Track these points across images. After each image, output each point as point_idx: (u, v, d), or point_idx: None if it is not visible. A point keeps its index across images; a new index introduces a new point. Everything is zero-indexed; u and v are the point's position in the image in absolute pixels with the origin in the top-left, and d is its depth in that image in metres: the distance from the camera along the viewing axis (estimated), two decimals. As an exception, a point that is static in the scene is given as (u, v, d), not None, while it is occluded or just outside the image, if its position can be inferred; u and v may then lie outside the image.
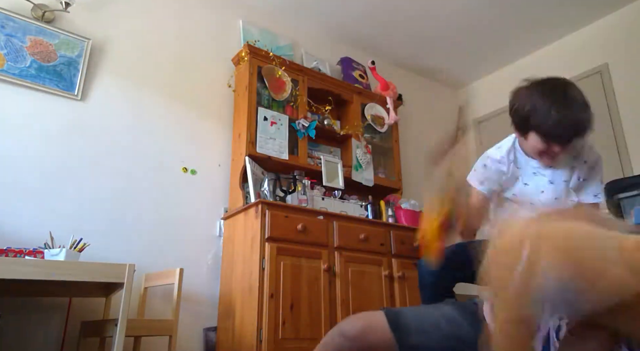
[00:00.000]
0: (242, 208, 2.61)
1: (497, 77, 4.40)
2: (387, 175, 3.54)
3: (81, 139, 2.51)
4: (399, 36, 3.88)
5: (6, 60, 2.36)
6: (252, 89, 2.93)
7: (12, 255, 1.87)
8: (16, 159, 2.30)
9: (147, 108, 2.80)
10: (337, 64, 3.78)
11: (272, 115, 2.95)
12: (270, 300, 2.27)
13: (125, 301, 1.67)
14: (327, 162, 3.13)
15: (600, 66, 3.55)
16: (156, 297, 2.50)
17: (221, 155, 3.00)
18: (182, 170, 2.82)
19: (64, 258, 1.76)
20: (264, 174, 2.84)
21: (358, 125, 3.42)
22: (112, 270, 1.70)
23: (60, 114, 2.48)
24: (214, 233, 2.83)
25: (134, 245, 2.50)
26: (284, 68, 3.10)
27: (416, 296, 2.87)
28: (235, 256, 2.60)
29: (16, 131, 2.33)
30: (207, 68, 3.13)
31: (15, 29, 2.43)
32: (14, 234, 2.16)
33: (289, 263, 2.41)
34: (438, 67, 4.36)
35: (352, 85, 3.52)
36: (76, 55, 2.58)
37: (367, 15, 3.61)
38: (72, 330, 2.19)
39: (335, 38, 3.91)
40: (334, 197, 3.08)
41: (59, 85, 2.49)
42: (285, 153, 2.92)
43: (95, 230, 2.38)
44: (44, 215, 2.28)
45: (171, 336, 2.01)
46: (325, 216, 2.66)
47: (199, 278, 2.66)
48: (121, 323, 1.64)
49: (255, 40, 3.14)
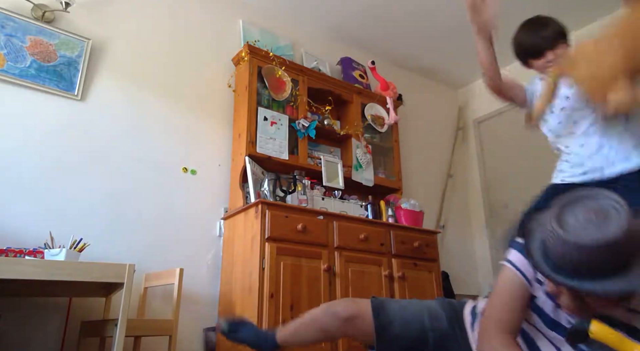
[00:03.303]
0: (242, 208, 2.61)
1: (497, 77, 4.40)
2: (387, 175, 3.54)
3: (81, 139, 2.51)
4: (399, 36, 3.88)
5: (6, 60, 2.36)
6: (252, 89, 2.93)
7: (12, 255, 1.87)
8: (16, 159, 2.30)
9: (147, 108, 2.80)
10: (337, 64, 3.78)
11: (272, 115, 2.95)
12: (270, 300, 2.27)
13: (125, 301, 1.67)
14: (327, 162, 3.13)
15: (600, 66, 3.54)
16: (156, 297, 2.50)
17: (221, 155, 3.00)
18: (182, 170, 2.82)
19: (64, 258, 1.76)
20: (264, 174, 2.84)
21: (358, 125, 3.42)
22: (112, 270, 1.70)
23: (60, 114, 2.48)
24: (214, 233, 2.83)
25: (134, 245, 2.50)
26: (284, 68, 3.10)
27: (416, 296, 2.87)
28: (235, 256, 2.60)
29: (16, 131, 2.33)
30: (207, 68, 3.13)
31: (15, 29, 2.43)
32: (14, 234, 2.16)
33: (289, 263, 2.41)
34: (438, 67, 4.36)
35: (352, 85, 3.52)
36: (76, 55, 2.58)
37: (367, 15, 3.61)
38: (72, 330, 2.19)
39: (335, 38, 3.91)
40: (334, 197, 3.08)
41: (59, 85, 2.49)
42: (285, 153, 2.92)
43: (95, 230, 2.38)
44: (44, 215, 2.28)
45: (171, 336, 2.01)
46: (325, 216, 2.66)
47: (199, 278, 2.66)
48: (121, 323, 1.64)
49: (255, 40, 3.14)
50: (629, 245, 0.88)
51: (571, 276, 0.91)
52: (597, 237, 0.87)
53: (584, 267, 0.89)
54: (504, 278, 1.13)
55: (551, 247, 0.95)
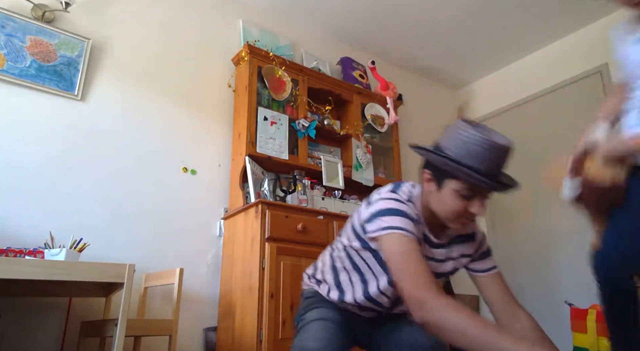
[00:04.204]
0: (242, 208, 2.61)
1: (497, 77, 4.40)
2: (387, 175, 3.54)
3: (81, 139, 2.51)
4: (399, 36, 3.88)
5: (6, 60, 2.36)
6: (252, 89, 2.93)
7: (12, 255, 1.87)
8: (16, 159, 2.30)
9: (147, 108, 2.80)
10: (337, 64, 3.78)
11: (272, 115, 2.95)
12: (270, 300, 2.27)
13: (125, 301, 1.66)
14: (327, 162, 3.13)
15: (600, 66, 3.54)
16: (156, 297, 2.50)
17: (221, 155, 3.00)
18: (182, 170, 2.82)
19: (64, 258, 1.76)
20: (264, 174, 2.84)
21: (358, 125, 3.42)
22: (112, 270, 1.69)
23: (60, 114, 2.48)
24: (214, 233, 2.83)
25: (134, 245, 2.50)
26: (284, 68, 3.10)
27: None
28: (235, 256, 2.60)
29: (16, 131, 2.33)
30: (207, 68, 3.13)
31: (15, 29, 2.43)
32: (14, 234, 2.16)
33: (289, 263, 2.41)
34: (438, 67, 4.36)
35: (352, 85, 3.52)
36: (76, 55, 2.58)
37: (367, 15, 3.61)
38: (72, 330, 2.19)
39: (335, 38, 3.91)
40: (334, 197, 3.08)
41: (59, 85, 2.49)
42: (285, 153, 2.92)
43: (95, 230, 2.38)
44: (44, 215, 2.28)
45: (171, 336, 2.01)
46: (325, 216, 2.66)
47: (199, 278, 2.66)
48: (121, 323, 1.64)
49: (255, 40, 3.14)
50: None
51: None
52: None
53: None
54: (398, 242, 1.13)
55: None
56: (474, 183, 1.11)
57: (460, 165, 1.11)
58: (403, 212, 1.17)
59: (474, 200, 1.14)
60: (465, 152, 1.12)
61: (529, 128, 3.95)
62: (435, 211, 1.22)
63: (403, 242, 1.12)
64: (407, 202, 1.23)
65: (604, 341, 2.39)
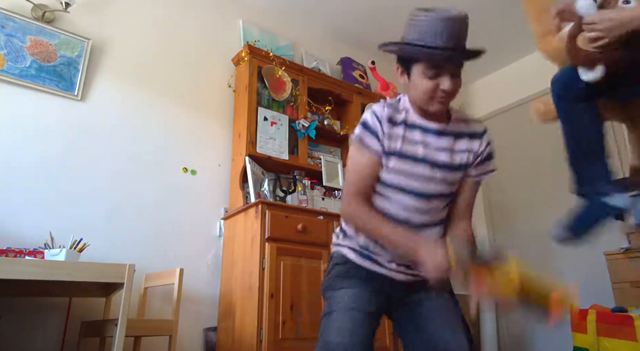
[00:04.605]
0: (242, 208, 2.61)
1: (497, 77, 4.40)
2: (387, 175, 3.54)
3: (81, 139, 2.51)
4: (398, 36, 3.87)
5: (6, 60, 2.36)
6: (252, 89, 2.93)
7: (12, 255, 1.87)
8: (16, 159, 2.30)
9: (147, 108, 2.80)
10: (337, 64, 3.78)
11: (272, 115, 2.95)
12: (270, 300, 2.27)
13: (125, 301, 1.67)
14: (327, 162, 3.13)
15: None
16: (156, 297, 2.50)
17: (221, 155, 3.00)
18: (182, 170, 2.82)
19: (64, 258, 1.76)
20: (264, 174, 2.84)
21: (358, 125, 3.41)
22: (112, 270, 1.70)
23: (60, 114, 2.48)
24: (214, 233, 2.83)
25: (134, 245, 2.50)
26: (284, 68, 3.10)
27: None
28: (235, 256, 2.60)
29: (16, 131, 2.33)
30: (207, 68, 3.13)
31: (15, 29, 2.43)
32: (14, 234, 2.16)
33: (289, 263, 2.41)
34: (438, 67, 4.36)
35: (352, 85, 3.52)
36: (76, 55, 2.58)
37: (367, 15, 3.61)
38: (72, 330, 2.19)
39: (335, 38, 3.91)
40: (334, 197, 3.08)
41: (59, 85, 2.49)
42: (285, 153, 2.92)
43: (95, 230, 2.38)
44: (44, 215, 2.28)
45: (171, 336, 2.01)
46: (325, 216, 2.66)
47: (199, 278, 2.66)
48: (121, 323, 1.64)
49: (255, 40, 3.14)
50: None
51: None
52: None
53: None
54: (351, 154, 1.32)
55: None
56: (431, 58, 1.16)
57: (416, 46, 1.18)
58: (366, 123, 1.28)
59: (442, 78, 1.19)
60: (418, 34, 1.18)
61: (529, 128, 3.94)
62: (414, 100, 1.27)
63: (354, 154, 1.30)
64: (393, 102, 1.31)
65: (604, 342, 2.40)
